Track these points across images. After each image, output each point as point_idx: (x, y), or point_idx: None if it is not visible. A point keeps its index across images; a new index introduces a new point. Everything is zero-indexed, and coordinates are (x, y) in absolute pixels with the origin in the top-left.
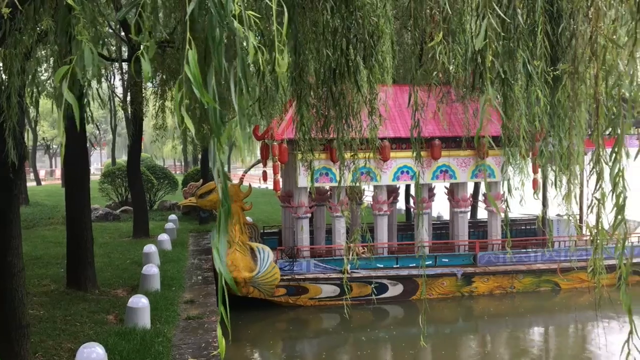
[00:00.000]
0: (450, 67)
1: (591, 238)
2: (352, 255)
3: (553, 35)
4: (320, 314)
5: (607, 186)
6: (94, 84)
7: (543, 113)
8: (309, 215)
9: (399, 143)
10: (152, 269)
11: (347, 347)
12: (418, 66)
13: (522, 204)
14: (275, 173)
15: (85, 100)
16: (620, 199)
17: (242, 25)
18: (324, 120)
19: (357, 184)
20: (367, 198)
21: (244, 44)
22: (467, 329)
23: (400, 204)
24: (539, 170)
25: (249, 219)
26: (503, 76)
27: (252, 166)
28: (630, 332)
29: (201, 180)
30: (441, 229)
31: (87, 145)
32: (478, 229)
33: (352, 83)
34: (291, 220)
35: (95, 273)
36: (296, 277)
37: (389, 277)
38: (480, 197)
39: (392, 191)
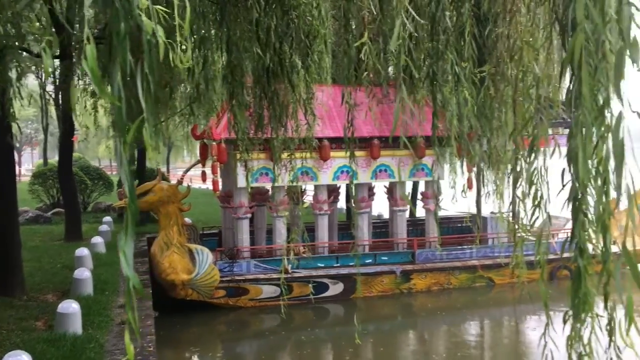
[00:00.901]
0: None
1: (512, 235)
2: (292, 255)
3: (480, 37)
4: (261, 314)
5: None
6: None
7: (471, 113)
8: (249, 215)
9: (339, 143)
10: (84, 273)
11: (288, 348)
12: (350, 66)
13: (454, 202)
14: (214, 173)
15: (9, 97)
16: (537, 198)
17: (150, 19)
18: (258, 119)
19: (296, 184)
20: (309, 197)
21: (156, 39)
22: (406, 325)
23: (342, 203)
24: (473, 169)
25: (187, 220)
26: (432, 77)
27: (192, 166)
28: (547, 325)
29: (137, 181)
30: (381, 228)
31: (14, 144)
32: (417, 227)
33: (286, 82)
34: (231, 220)
35: (23, 278)
36: (236, 278)
37: (329, 277)
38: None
39: (333, 190)
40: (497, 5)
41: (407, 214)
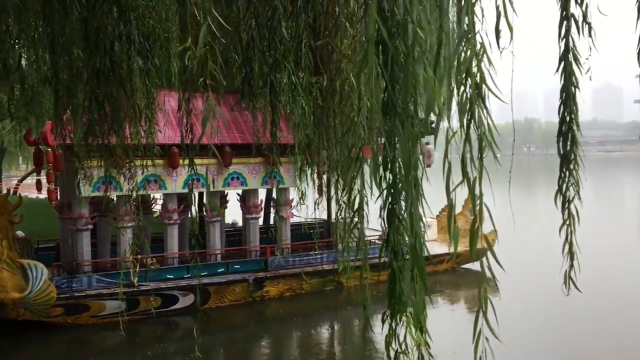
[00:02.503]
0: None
1: (339, 240)
2: (138, 268)
3: (317, 49)
4: (104, 332)
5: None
6: None
7: (308, 122)
8: (90, 226)
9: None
10: None
11: None
12: (185, 71)
13: (298, 209)
14: (49, 181)
15: None
16: (356, 204)
17: None
18: (89, 124)
19: (141, 193)
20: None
21: None
22: (259, 332)
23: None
24: (323, 176)
25: (19, 233)
26: (269, 86)
27: (28, 175)
28: (366, 325)
29: None
30: (235, 236)
31: None
32: (271, 234)
33: (121, 86)
34: (70, 232)
35: None
36: (75, 294)
37: (179, 288)
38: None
39: (183, 199)
40: (328, 20)
41: (260, 221)
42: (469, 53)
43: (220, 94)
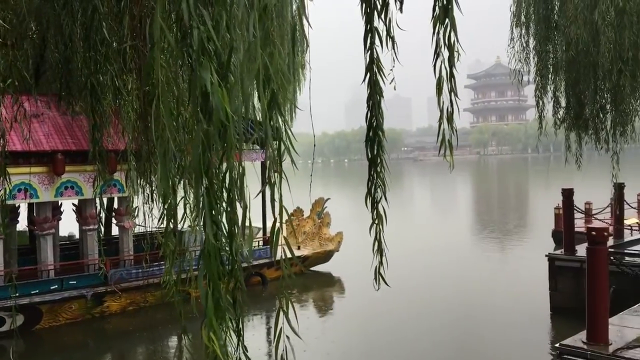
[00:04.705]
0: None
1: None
2: None
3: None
4: None
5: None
6: None
7: (136, 127)
8: None
9: (15, 158)
10: None
11: None
12: None
13: (151, 217)
14: None
15: None
16: (170, 211)
17: None
18: None
19: None
20: None
21: None
22: (100, 351)
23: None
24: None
25: None
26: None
27: None
28: (184, 334)
29: None
30: (71, 249)
31: None
32: (112, 246)
33: None
34: None
35: None
36: None
37: (4, 309)
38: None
39: (11, 211)
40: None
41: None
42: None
43: (33, 95)
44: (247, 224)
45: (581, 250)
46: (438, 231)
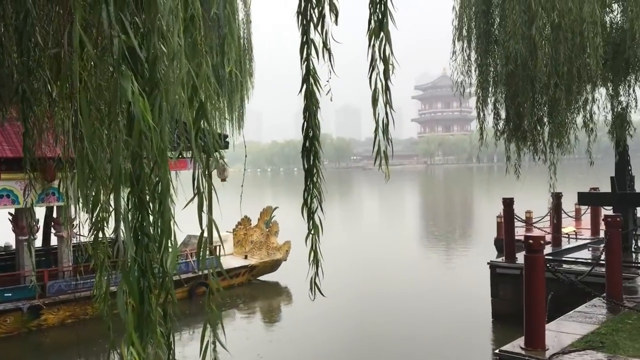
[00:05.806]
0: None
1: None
2: None
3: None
4: None
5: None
6: None
7: (71, 135)
8: None
9: None
10: None
11: None
12: None
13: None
14: None
15: None
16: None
17: None
18: None
19: None
20: None
21: None
22: None
23: None
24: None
25: None
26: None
27: None
28: (112, 348)
29: None
30: (7, 260)
31: None
32: (51, 256)
33: None
34: None
35: None
36: None
37: None
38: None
39: None
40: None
41: (37, 242)
42: (200, 69)
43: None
44: (172, 236)
45: (521, 257)
46: (386, 240)
